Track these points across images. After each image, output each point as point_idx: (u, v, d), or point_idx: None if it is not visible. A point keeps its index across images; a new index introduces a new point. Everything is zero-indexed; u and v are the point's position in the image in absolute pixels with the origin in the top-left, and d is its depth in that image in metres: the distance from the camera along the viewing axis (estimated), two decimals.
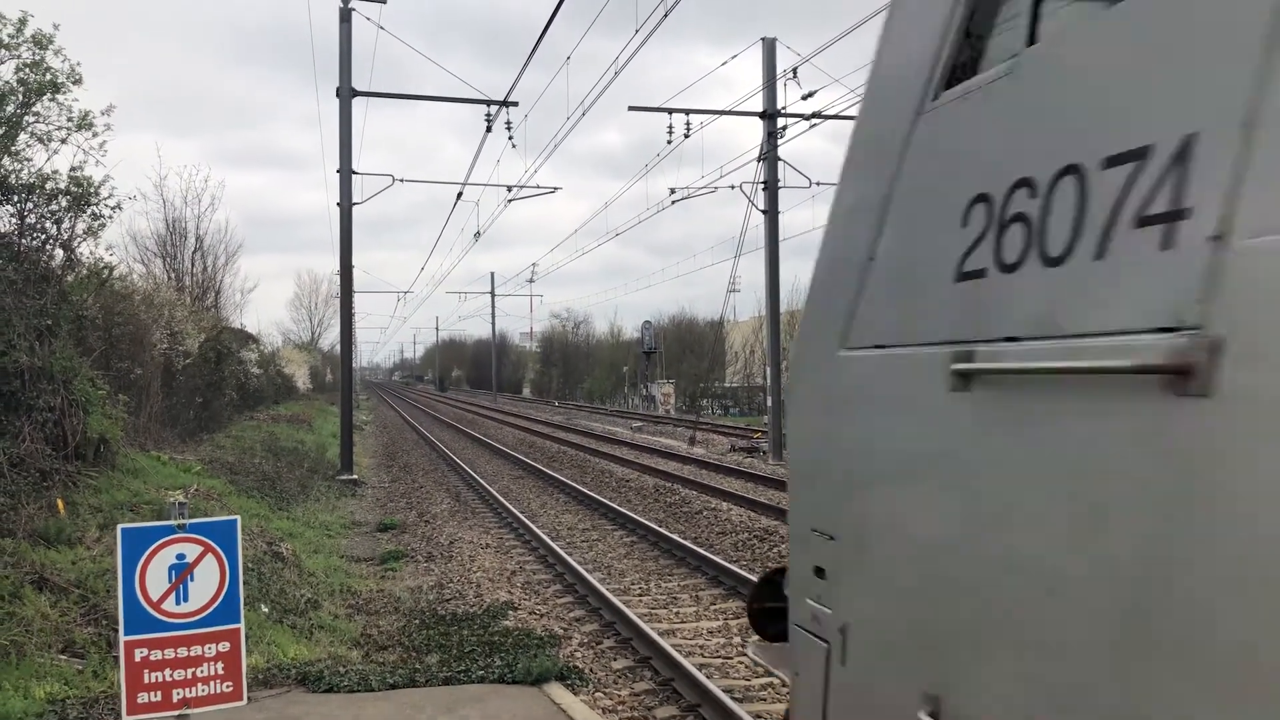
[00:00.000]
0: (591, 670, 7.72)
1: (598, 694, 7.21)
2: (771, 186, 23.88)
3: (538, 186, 23.76)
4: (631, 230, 67.01)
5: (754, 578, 9.15)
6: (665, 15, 11.45)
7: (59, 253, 12.80)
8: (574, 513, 16.44)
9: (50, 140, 12.25)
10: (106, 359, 14.99)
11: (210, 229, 37.55)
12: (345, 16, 20.23)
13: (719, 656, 8.02)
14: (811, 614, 2.72)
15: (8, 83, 11.56)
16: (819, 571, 2.69)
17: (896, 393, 2.39)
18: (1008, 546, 1.89)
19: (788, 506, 3.24)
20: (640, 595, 10.32)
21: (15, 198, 11.93)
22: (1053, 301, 1.80)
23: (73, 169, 12.47)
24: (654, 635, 8.02)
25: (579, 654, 8.16)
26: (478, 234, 30.24)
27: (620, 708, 6.93)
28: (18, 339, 10.74)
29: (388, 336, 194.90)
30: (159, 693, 4.71)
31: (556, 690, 7.03)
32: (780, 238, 24.47)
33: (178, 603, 4.76)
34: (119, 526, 4.73)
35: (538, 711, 6.55)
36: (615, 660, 7.96)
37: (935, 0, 2.44)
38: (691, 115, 23.38)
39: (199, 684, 4.75)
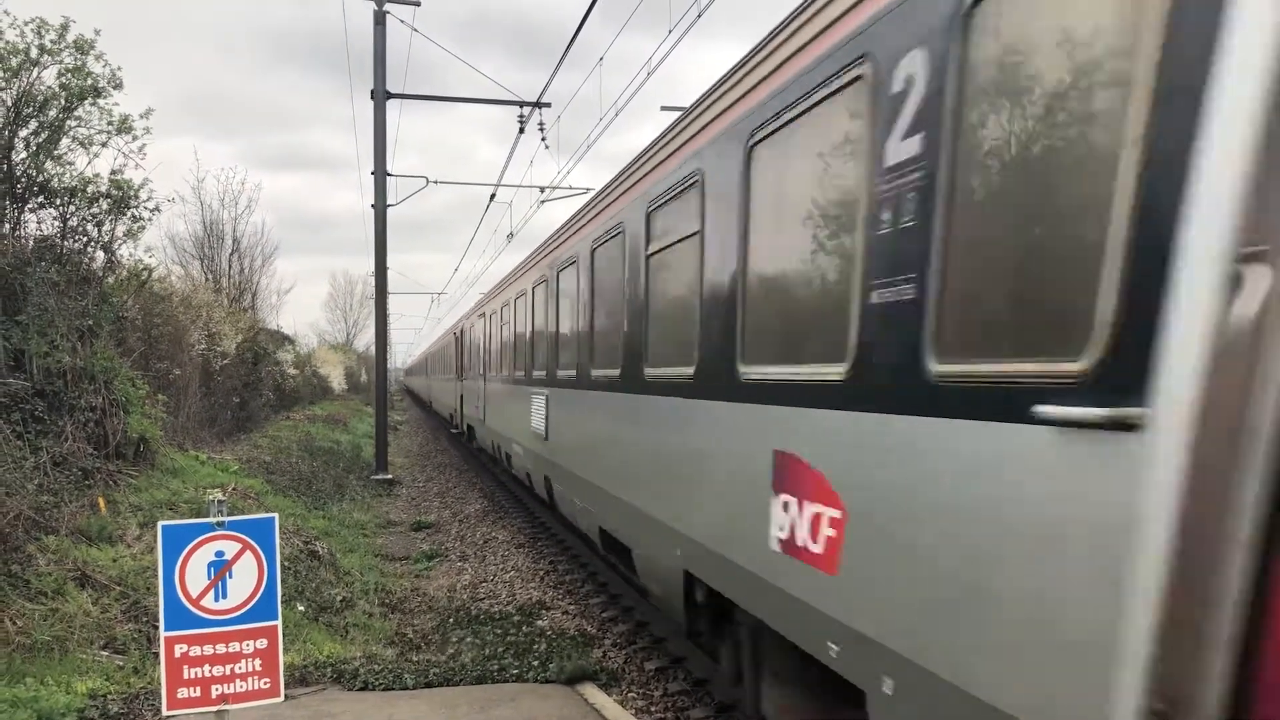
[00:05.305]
0: (624, 670, 7.70)
1: (631, 694, 7.19)
2: None
3: (570, 187, 23.77)
4: None
5: None
6: (699, 16, 11.39)
7: (100, 255, 12.99)
8: None
9: (91, 144, 12.43)
10: (146, 359, 15.21)
11: (247, 231, 38.07)
12: (379, 19, 20.36)
13: None
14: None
15: (50, 88, 11.75)
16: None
17: None
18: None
19: None
20: None
21: (58, 201, 12.14)
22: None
23: (113, 172, 12.65)
24: None
25: (612, 654, 8.14)
26: (510, 235, 30.27)
27: (654, 708, 6.91)
28: (60, 340, 10.93)
29: (422, 337, 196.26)
30: (198, 688, 4.75)
31: (590, 690, 7.02)
32: None
33: (217, 599, 4.80)
34: (159, 523, 4.78)
35: (571, 711, 6.53)
36: (649, 661, 7.94)
37: None
38: None
39: (237, 680, 4.79)
